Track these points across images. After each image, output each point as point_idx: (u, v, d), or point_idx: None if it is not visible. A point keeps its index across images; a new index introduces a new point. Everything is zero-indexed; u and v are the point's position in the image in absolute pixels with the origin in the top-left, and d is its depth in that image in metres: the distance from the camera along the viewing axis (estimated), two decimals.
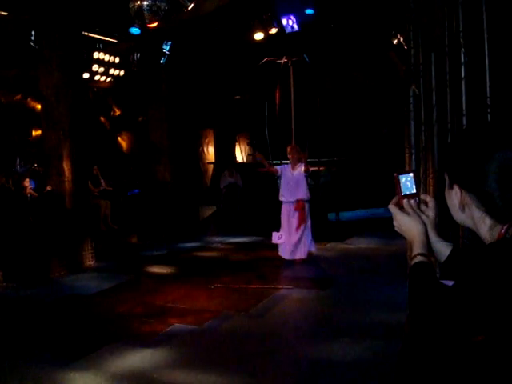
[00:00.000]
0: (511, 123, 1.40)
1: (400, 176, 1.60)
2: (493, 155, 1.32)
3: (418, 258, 1.49)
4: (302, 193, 8.30)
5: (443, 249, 1.64)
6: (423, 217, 1.59)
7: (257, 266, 8.53)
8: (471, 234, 1.64)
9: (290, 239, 8.31)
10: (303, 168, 8.26)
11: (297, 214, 8.28)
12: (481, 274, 1.29)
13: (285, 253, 8.41)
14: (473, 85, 4.14)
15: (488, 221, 1.38)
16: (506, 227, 1.35)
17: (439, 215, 1.61)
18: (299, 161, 8.35)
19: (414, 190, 1.60)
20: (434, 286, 1.38)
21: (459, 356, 1.41)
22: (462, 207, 1.42)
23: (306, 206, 8.39)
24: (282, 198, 8.41)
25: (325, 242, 9.91)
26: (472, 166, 1.36)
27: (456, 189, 1.42)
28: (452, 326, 1.32)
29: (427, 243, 1.55)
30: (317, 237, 9.97)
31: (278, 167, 8.57)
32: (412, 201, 1.60)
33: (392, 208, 1.61)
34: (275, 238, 8.38)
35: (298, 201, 8.28)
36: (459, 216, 1.46)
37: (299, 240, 8.33)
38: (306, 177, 8.39)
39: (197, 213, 12.54)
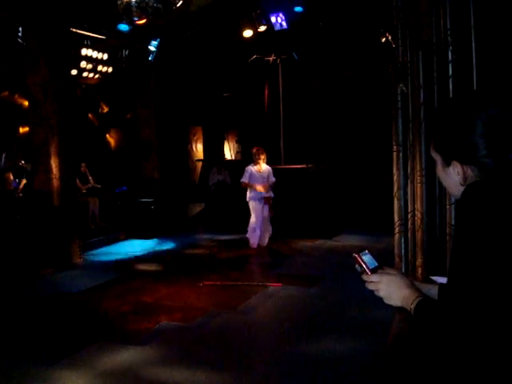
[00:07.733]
0: (490, 88, 1.45)
1: (361, 254, 1.64)
2: (478, 115, 1.39)
3: (419, 299, 1.51)
4: (270, 190, 9.27)
5: (433, 291, 1.69)
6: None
7: (245, 263, 8.53)
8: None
9: (262, 228, 9.25)
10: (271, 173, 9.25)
11: (266, 207, 9.24)
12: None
13: (256, 241, 9.25)
14: (460, 83, 4.18)
15: None
16: None
17: (429, 218, 1.65)
18: (264, 161, 9.27)
19: (377, 263, 1.64)
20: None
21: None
22: (464, 181, 1.45)
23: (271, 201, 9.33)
24: (254, 194, 9.12)
25: (313, 239, 9.94)
26: (465, 137, 1.41)
27: (456, 164, 1.45)
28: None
29: (418, 288, 1.59)
30: (305, 233, 10.02)
31: (246, 176, 9.15)
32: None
33: (372, 278, 1.62)
34: (253, 236, 9.28)
35: (268, 197, 9.18)
36: (460, 191, 1.48)
37: (267, 229, 9.37)
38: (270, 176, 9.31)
39: (185, 210, 12.50)
